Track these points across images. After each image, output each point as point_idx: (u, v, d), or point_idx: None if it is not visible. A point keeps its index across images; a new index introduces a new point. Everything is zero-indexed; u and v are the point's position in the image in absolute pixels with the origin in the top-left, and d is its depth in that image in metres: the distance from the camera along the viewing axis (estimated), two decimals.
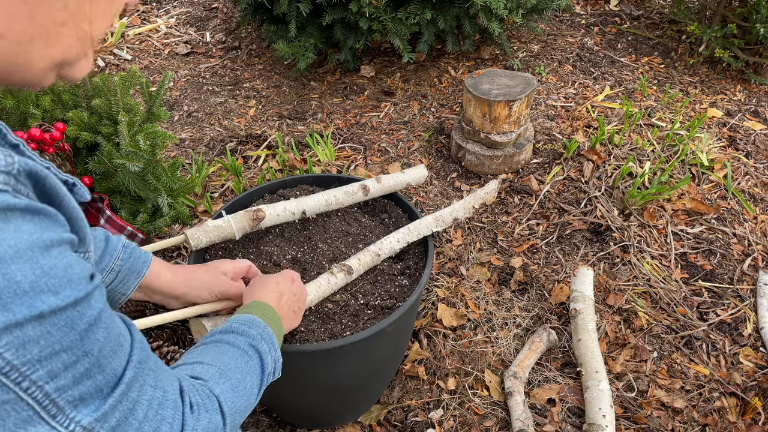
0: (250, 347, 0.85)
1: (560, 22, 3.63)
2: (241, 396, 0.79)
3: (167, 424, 0.62)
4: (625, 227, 2.23)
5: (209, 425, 0.70)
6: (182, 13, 3.88)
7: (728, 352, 1.89)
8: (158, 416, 0.61)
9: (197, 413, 0.68)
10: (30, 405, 0.48)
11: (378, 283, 1.46)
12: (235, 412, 0.77)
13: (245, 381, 0.81)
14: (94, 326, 0.52)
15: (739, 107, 2.88)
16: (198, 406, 0.69)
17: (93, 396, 0.52)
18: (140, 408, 0.58)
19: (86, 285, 0.52)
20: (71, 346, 0.49)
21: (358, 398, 1.64)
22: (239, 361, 0.82)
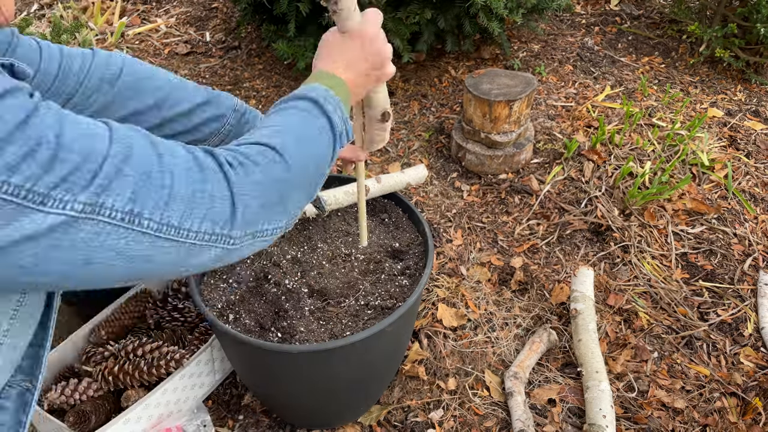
0: (310, 104, 0.77)
1: (560, 21, 3.63)
2: (308, 147, 0.74)
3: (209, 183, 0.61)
4: (625, 227, 2.22)
5: (265, 176, 0.67)
6: (182, 13, 3.88)
7: (729, 352, 1.89)
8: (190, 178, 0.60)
9: (241, 168, 0.65)
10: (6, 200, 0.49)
11: (378, 283, 1.46)
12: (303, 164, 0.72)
13: (310, 134, 0.75)
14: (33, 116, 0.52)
15: (739, 107, 2.88)
16: (241, 163, 0.66)
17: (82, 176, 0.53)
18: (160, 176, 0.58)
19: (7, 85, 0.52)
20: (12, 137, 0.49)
21: (358, 398, 1.64)
22: (301, 119, 0.76)
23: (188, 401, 1.64)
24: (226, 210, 0.63)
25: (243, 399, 1.75)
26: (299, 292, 1.42)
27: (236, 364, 1.59)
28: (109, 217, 0.55)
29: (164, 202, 0.58)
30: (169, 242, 0.59)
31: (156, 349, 1.62)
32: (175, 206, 0.59)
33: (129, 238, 0.57)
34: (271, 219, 0.68)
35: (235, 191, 0.63)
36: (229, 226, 0.63)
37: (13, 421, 0.73)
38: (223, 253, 0.65)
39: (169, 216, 0.58)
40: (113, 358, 1.62)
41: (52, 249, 0.53)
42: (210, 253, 0.63)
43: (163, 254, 0.60)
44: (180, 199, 0.59)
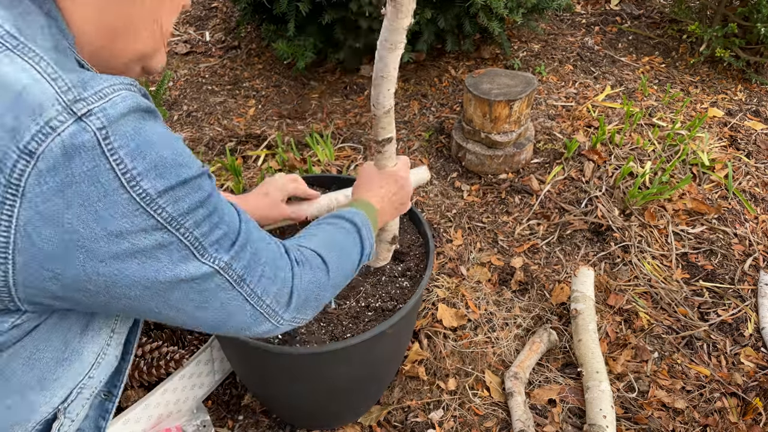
0: (354, 230, 0.99)
1: (561, 21, 3.62)
2: (344, 263, 0.93)
3: (282, 271, 0.78)
4: (625, 227, 2.22)
5: (315, 279, 0.85)
6: (182, 13, 3.87)
7: (729, 352, 1.89)
8: (275, 265, 0.77)
9: (302, 267, 0.83)
10: (186, 245, 0.64)
11: (379, 284, 1.46)
12: (338, 274, 0.91)
13: (348, 252, 0.96)
14: (213, 191, 0.68)
15: (740, 107, 2.87)
16: (303, 263, 0.84)
17: (224, 241, 0.69)
18: (261, 256, 0.75)
19: (201, 164, 0.67)
20: (204, 203, 0.65)
21: (359, 399, 1.64)
22: (344, 237, 0.97)
23: (188, 401, 1.64)
24: (286, 295, 0.79)
25: (243, 399, 1.75)
26: None
27: (236, 366, 1.58)
28: (230, 277, 0.70)
29: (258, 276, 0.74)
30: (250, 306, 0.75)
31: (156, 349, 1.62)
32: (264, 282, 0.75)
33: (232, 295, 0.72)
34: (307, 311, 0.85)
35: (294, 284, 0.80)
36: (284, 308, 0.80)
37: (93, 426, 0.84)
38: (272, 327, 0.80)
39: (258, 287, 0.74)
40: None
41: (191, 291, 0.67)
42: (266, 324, 0.79)
43: (242, 313, 0.75)
44: (266, 277, 0.75)
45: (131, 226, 0.60)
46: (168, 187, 0.61)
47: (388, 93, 1.16)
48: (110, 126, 0.56)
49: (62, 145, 0.54)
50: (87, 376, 0.73)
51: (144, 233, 0.61)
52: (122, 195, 0.58)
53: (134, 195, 0.59)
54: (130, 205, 0.59)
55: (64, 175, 0.55)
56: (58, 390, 0.70)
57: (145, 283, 0.63)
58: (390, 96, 1.17)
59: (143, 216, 0.60)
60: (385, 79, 1.17)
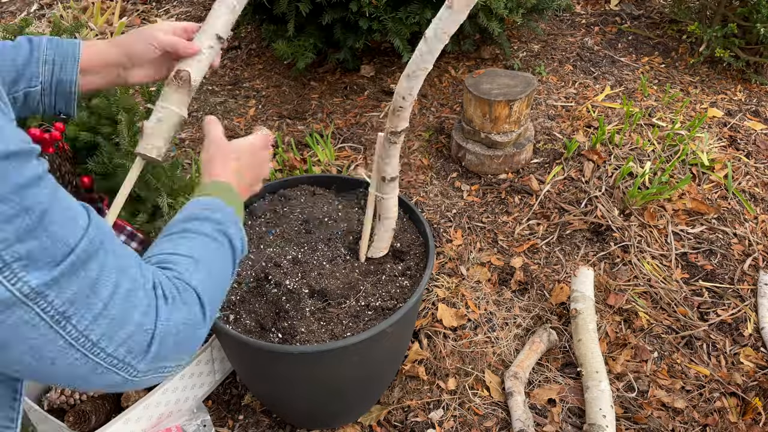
0: (219, 233, 0.80)
1: (560, 21, 3.63)
2: (218, 284, 0.77)
3: (139, 311, 0.60)
4: (625, 227, 2.22)
5: (188, 317, 0.67)
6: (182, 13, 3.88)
7: (729, 352, 1.89)
8: (128, 302, 0.59)
9: (172, 305, 0.65)
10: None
11: (379, 283, 1.46)
12: (213, 302, 0.74)
13: (220, 268, 0.78)
14: (33, 185, 0.51)
15: (739, 107, 2.88)
16: (174, 298, 0.66)
17: (42, 260, 0.52)
18: (104, 288, 0.57)
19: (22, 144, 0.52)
20: (6, 197, 0.49)
21: (359, 399, 1.64)
22: (211, 248, 0.78)
23: (188, 401, 1.64)
24: (143, 342, 0.61)
25: (243, 399, 1.75)
26: (300, 293, 1.42)
27: (237, 365, 1.59)
28: (43, 311, 0.53)
29: (94, 315, 0.57)
30: (79, 354, 0.57)
31: None
32: (103, 324, 0.58)
33: (48, 337, 0.55)
34: (179, 355, 0.67)
35: (158, 327, 0.63)
36: (140, 358, 0.62)
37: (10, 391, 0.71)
38: (122, 381, 0.63)
39: (91, 330, 0.57)
40: None
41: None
42: (112, 377, 0.61)
43: (68, 363, 0.57)
44: (109, 319, 0.58)
45: None
46: None
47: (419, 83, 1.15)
48: None
49: None
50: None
51: None
52: None
53: None
54: None
55: None
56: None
57: None
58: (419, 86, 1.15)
59: None
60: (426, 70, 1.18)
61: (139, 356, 0.61)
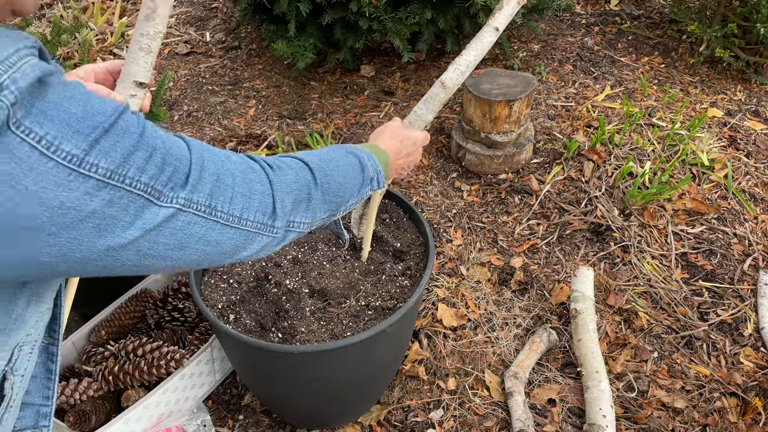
0: (353, 156, 0.96)
1: (560, 21, 3.63)
2: (332, 168, 0.90)
3: (256, 182, 0.76)
4: (625, 227, 2.22)
5: (297, 178, 0.83)
6: (182, 13, 3.88)
7: (729, 352, 1.89)
8: (246, 178, 0.75)
9: (278, 170, 0.81)
10: (137, 194, 0.61)
11: (379, 283, 1.46)
12: (326, 176, 0.88)
13: (337, 162, 0.92)
14: (145, 129, 0.64)
15: (739, 107, 2.88)
16: (279, 166, 0.81)
17: (177, 178, 0.66)
18: (226, 177, 0.72)
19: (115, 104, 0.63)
20: (138, 145, 0.62)
21: (359, 399, 1.64)
22: (333, 152, 0.93)
23: (188, 401, 1.64)
24: (269, 204, 0.77)
25: (243, 399, 1.75)
26: (300, 293, 1.42)
27: (237, 365, 1.59)
28: (196, 210, 0.68)
29: (230, 198, 0.72)
30: (233, 230, 0.73)
31: (156, 349, 1.62)
32: (237, 201, 0.73)
33: (207, 226, 0.70)
34: (300, 213, 0.83)
35: (274, 189, 0.78)
36: (272, 217, 0.77)
37: (44, 371, 0.85)
38: (269, 240, 0.79)
39: (233, 209, 0.72)
40: (113, 358, 1.62)
41: (160, 236, 0.65)
42: (260, 240, 0.77)
43: (228, 239, 0.73)
44: (240, 195, 0.73)
45: (70, 193, 0.57)
46: (92, 141, 0.58)
47: None
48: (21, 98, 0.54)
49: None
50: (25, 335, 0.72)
51: (88, 196, 0.58)
52: (47, 164, 0.55)
53: (60, 161, 0.56)
54: (60, 173, 0.56)
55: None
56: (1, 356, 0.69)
57: (107, 243, 0.61)
58: None
59: (79, 179, 0.57)
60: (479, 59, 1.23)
61: (272, 216, 0.77)
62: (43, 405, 0.84)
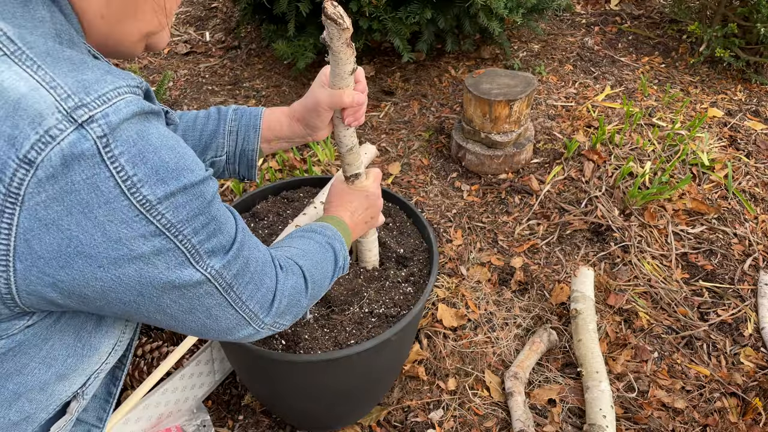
0: (326, 243, 1.03)
1: (560, 21, 3.63)
2: (319, 272, 0.97)
3: (268, 277, 0.81)
4: (625, 227, 2.22)
5: (295, 285, 0.88)
6: (182, 13, 3.87)
7: (729, 352, 1.89)
8: (263, 271, 0.80)
9: (285, 273, 0.86)
10: (183, 252, 0.65)
11: (382, 290, 1.45)
12: (314, 283, 0.94)
13: (322, 263, 0.99)
14: (214, 198, 0.68)
15: (739, 107, 2.88)
16: (286, 269, 0.88)
17: (219, 250, 0.70)
18: (252, 264, 0.76)
19: (204, 168, 0.67)
20: (203, 210, 0.66)
21: (360, 403, 1.64)
22: (317, 249, 1.01)
23: (188, 401, 1.64)
24: (269, 300, 0.81)
25: (243, 399, 1.75)
26: None
27: (238, 368, 1.58)
28: (220, 285, 0.72)
29: (246, 283, 0.76)
30: (233, 311, 0.76)
31: (156, 349, 1.62)
32: (250, 288, 0.77)
33: (218, 302, 0.73)
34: (287, 316, 0.88)
35: (278, 288, 0.83)
36: (266, 312, 0.82)
37: (105, 393, 0.87)
38: (252, 332, 0.82)
39: (243, 293, 0.76)
40: None
41: (181, 297, 0.69)
42: (247, 329, 0.81)
43: (227, 319, 0.76)
44: (253, 283, 0.77)
45: (130, 231, 0.60)
46: (168, 193, 0.61)
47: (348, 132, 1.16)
48: (111, 133, 0.56)
49: (62, 154, 0.54)
50: (104, 363, 0.75)
51: (143, 239, 0.61)
52: (122, 202, 0.58)
53: (134, 201, 0.59)
54: (129, 212, 0.59)
55: (63, 183, 0.55)
56: (77, 379, 0.72)
57: (140, 288, 0.64)
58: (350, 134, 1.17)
59: (142, 222, 0.60)
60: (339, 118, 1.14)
61: (265, 312, 0.81)
62: (95, 426, 0.87)
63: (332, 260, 1.03)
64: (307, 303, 0.93)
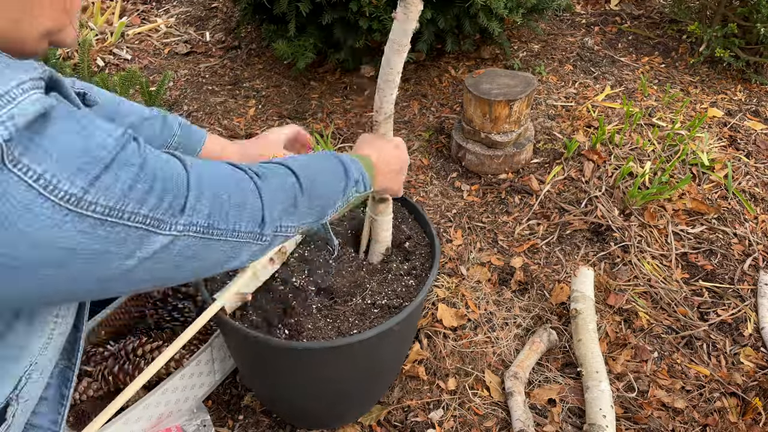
0: (333, 156, 0.96)
1: (560, 21, 3.63)
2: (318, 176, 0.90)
3: (246, 192, 0.76)
4: (625, 227, 2.22)
5: (281, 183, 0.83)
6: (182, 13, 3.87)
7: (729, 352, 1.89)
8: (240, 190, 0.75)
9: (264, 179, 0.81)
10: (137, 228, 0.60)
11: (385, 282, 1.47)
12: (311, 183, 0.87)
13: (323, 170, 0.92)
14: (145, 156, 0.63)
15: (739, 107, 2.88)
16: (264, 174, 0.81)
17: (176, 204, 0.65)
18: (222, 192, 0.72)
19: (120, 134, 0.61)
20: (139, 176, 0.60)
21: (362, 399, 1.64)
22: (318, 159, 0.93)
23: (188, 401, 1.64)
24: (259, 213, 0.77)
25: (243, 399, 1.75)
26: (306, 290, 1.43)
27: (240, 362, 1.59)
28: (195, 232, 0.68)
29: (226, 213, 0.72)
30: (226, 243, 0.73)
31: (156, 349, 1.62)
32: (232, 214, 0.73)
33: (202, 244, 0.69)
34: (287, 218, 0.83)
35: (263, 197, 0.78)
36: (262, 225, 0.78)
37: (57, 395, 0.84)
38: (258, 248, 0.79)
39: (228, 223, 0.72)
40: (113, 358, 1.62)
41: (160, 261, 0.65)
42: (250, 248, 0.78)
43: (220, 252, 0.73)
44: (234, 208, 0.73)
45: (65, 233, 0.54)
46: (92, 179, 0.55)
47: (391, 97, 1.18)
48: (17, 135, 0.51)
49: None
50: (34, 362, 0.71)
51: (84, 235, 0.56)
52: (43, 204, 0.53)
53: (57, 200, 0.53)
54: (56, 213, 0.53)
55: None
56: (5, 384, 0.68)
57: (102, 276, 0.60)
58: (392, 101, 1.18)
59: (75, 219, 0.55)
60: (390, 82, 1.18)
61: (261, 225, 0.78)
62: (50, 429, 0.82)
63: (340, 171, 0.95)
64: (307, 205, 0.86)
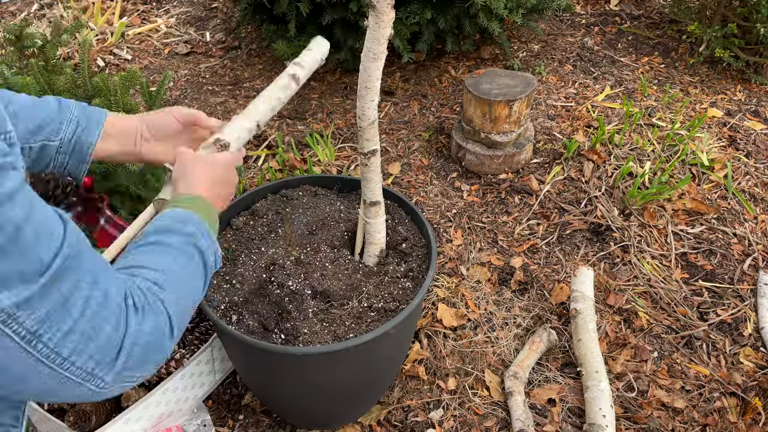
0: (191, 246, 0.81)
1: (560, 21, 3.63)
2: (186, 297, 0.77)
3: (109, 325, 0.59)
4: (625, 227, 2.23)
5: (156, 327, 0.66)
6: (182, 13, 3.88)
7: (728, 352, 1.89)
8: (99, 316, 0.58)
9: (141, 315, 0.65)
10: None
11: (381, 285, 1.46)
12: (180, 315, 0.74)
13: (189, 281, 0.79)
14: (6, 202, 0.49)
15: (739, 107, 2.88)
16: (143, 308, 0.66)
17: (13, 279, 0.50)
18: (75, 305, 0.56)
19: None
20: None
21: (360, 400, 1.64)
22: (182, 262, 0.78)
23: (188, 401, 1.64)
24: (111, 353, 0.61)
25: (243, 399, 1.76)
26: (303, 294, 1.42)
27: (238, 366, 1.59)
28: (14, 332, 0.52)
29: (64, 333, 0.56)
30: (49, 370, 0.57)
31: None
32: (73, 339, 0.57)
33: (18, 357, 0.54)
34: (145, 366, 0.67)
35: (127, 337, 0.62)
36: (107, 369, 0.61)
37: None
38: (90, 393, 0.62)
39: (62, 346, 0.56)
40: None
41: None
42: (79, 389, 0.61)
43: (38, 379, 0.57)
44: (79, 334, 0.57)
45: None
46: None
47: (372, 104, 1.17)
48: None
49: None
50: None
51: None
52: None
53: None
54: None
55: None
56: None
57: None
58: (374, 107, 1.17)
59: None
60: (369, 89, 1.17)
61: (106, 368, 0.61)
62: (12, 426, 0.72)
63: (201, 269, 0.82)
64: (171, 344, 0.72)
